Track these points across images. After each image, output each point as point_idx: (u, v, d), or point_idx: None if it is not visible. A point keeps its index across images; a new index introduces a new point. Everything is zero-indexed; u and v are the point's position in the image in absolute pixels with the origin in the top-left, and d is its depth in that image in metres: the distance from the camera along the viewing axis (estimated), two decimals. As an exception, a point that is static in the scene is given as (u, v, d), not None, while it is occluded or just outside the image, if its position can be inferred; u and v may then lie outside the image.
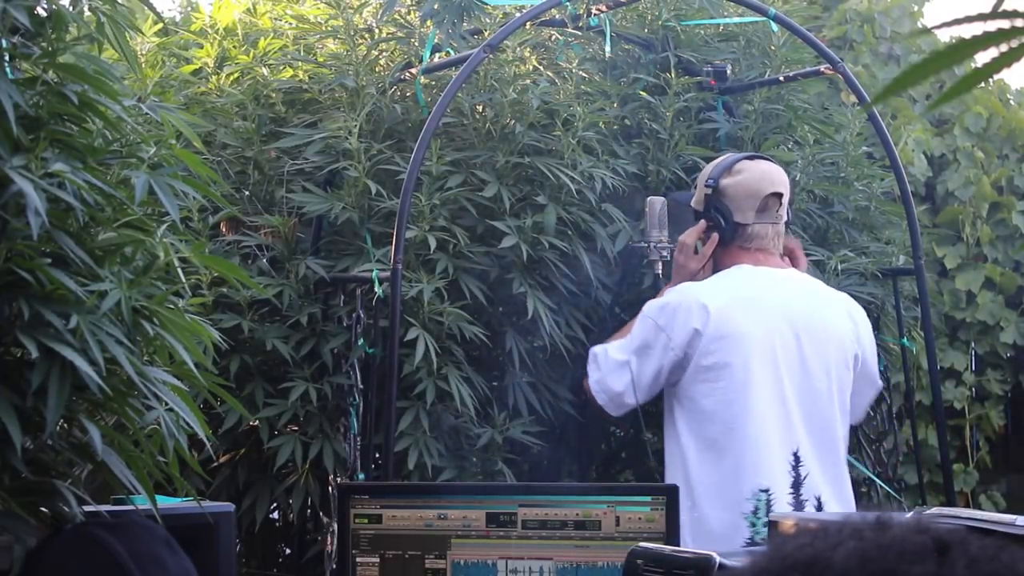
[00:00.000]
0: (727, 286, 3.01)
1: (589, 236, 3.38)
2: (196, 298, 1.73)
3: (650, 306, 3.02)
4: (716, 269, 3.10)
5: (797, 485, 2.91)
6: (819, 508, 2.92)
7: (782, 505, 2.87)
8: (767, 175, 3.07)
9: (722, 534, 2.83)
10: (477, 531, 2.12)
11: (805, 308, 3.02)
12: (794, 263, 3.18)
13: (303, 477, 3.27)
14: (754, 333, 2.93)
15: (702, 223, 3.11)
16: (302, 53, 3.61)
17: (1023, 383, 5.58)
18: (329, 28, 3.61)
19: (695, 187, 3.19)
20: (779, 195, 3.06)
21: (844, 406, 3.04)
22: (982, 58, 0.79)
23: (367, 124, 3.38)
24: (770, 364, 2.93)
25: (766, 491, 2.88)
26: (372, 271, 3.13)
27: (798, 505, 2.90)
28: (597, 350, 3.09)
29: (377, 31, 3.62)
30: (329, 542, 3.07)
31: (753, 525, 2.85)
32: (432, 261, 3.20)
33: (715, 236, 3.08)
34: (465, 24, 3.34)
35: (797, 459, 2.92)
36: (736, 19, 3.74)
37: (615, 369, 3.01)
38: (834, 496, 2.96)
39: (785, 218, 3.11)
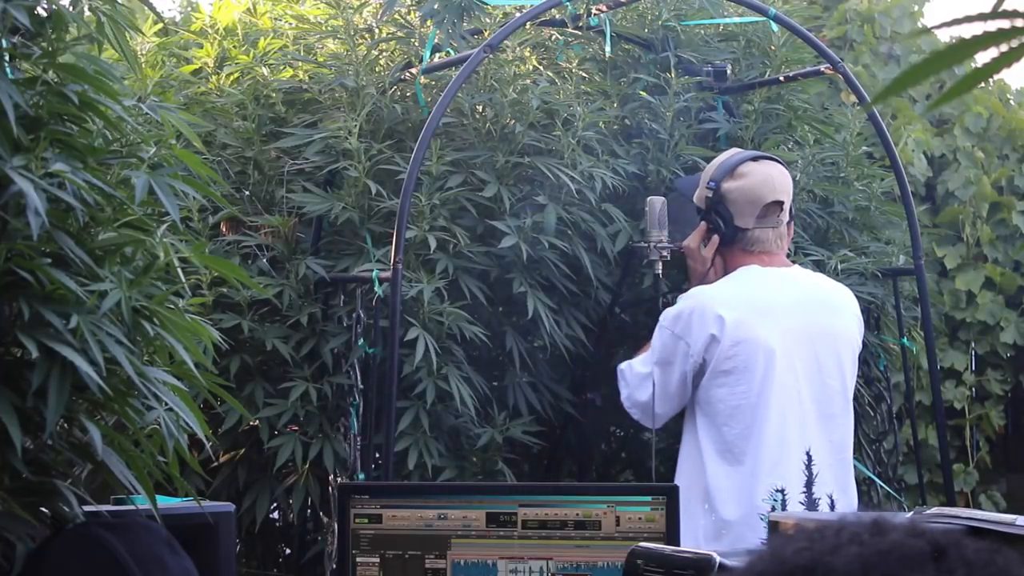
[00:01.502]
0: (739, 290, 3.03)
1: (589, 236, 3.38)
2: (196, 298, 1.73)
3: (666, 316, 3.04)
4: (724, 271, 3.11)
5: (809, 484, 2.92)
6: (832, 507, 2.93)
7: (794, 504, 2.88)
8: (768, 182, 3.07)
9: (739, 535, 2.84)
10: (477, 531, 2.12)
11: (817, 308, 3.05)
12: None
13: (303, 477, 3.26)
14: (770, 336, 2.95)
15: (703, 225, 3.11)
16: (302, 53, 3.61)
17: (1023, 383, 5.58)
18: (329, 28, 3.61)
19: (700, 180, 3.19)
20: (780, 203, 3.07)
21: (849, 403, 3.08)
22: (982, 58, 0.79)
23: (367, 124, 3.38)
24: (787, 366, 2.96)
25: (782, 491, 2.89)
26: (372, 271, 3.13)
27: (811, 504, 2.90)
28: (623, 366, 3.12)
29: (377, 31, 3.62)
30: (329, 542, 3.07)
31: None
32: (432, 261, 3.20)
33: (715, 239, 3.08)
34: (465, 24, 3.34)
35: (809, 458, 2.93)
36: (736, 19, 3.74)
37: (641, 382, 3.04)
38: (842, 495, 2.99)
39: (787, 219, 3.12)
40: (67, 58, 1.58)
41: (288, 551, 3.73)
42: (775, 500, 2.88)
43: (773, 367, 2.93)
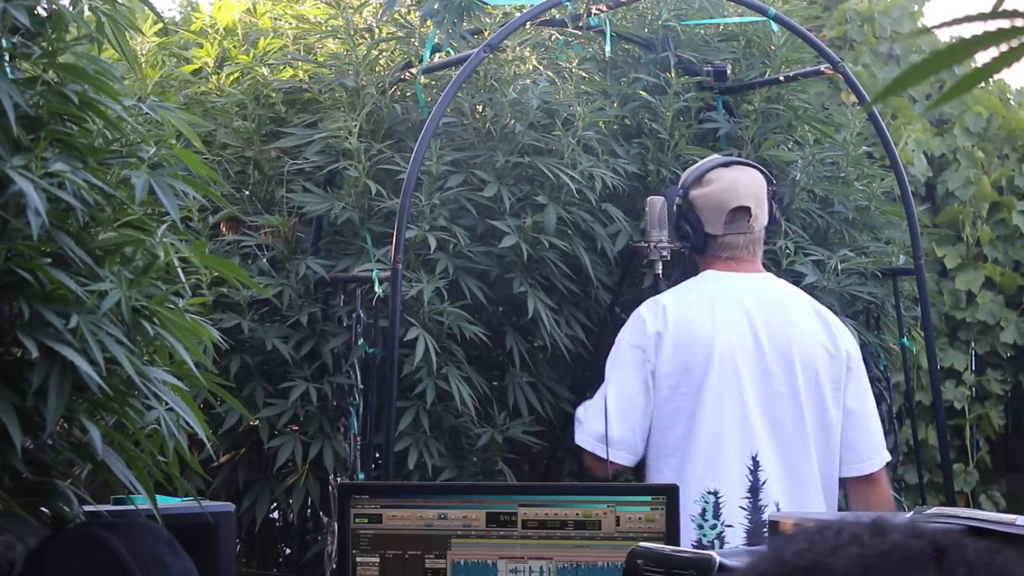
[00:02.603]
0: (688, 291, 3.01)
1: (589, 236, 3.38)
2: (196, 298, 1.73)
3: (620, 333, 3.01)
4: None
5: (755, 490, 2.86)
6: None
7: (733, 508, 2.84)
8: (733, 188, 3.04)
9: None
10: (477, 531, 2.12)
11: (774, 315, 2.97)
12: None
13: (303, 477, 3.26)
14: (712, 336, 2.90)
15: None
16: (302, 53, 3.61)
17: (1023, 383, 5.58)
18: (329, 28, 3.61)
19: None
20: (746, 208, 3.03)
21: (822, 412, 2.95)
22: (982, 58, 0.79)
23: (367, 124, 3.38)
24: (728, 366, 2.90)
25: (714, 493, 2.85)
26: (372, 271, 3.13)
27: (755, 510, 2.85)
28: (578, 411, 3.02)
29: (377, 31, 3.62)
30: (329, 542, 3.07)
31: (700, 527, 2.83)
32: (432, 261, 3.20)
33: None
34: (465, 24, 3.34)
35: (756, 463, 2.87)
36: (736, 19, 3.74)
37: (596, 413, 2.93)
38: (795, 503, 2.88)
39: (762, 225, 3.07)
40: (67, 58, 1.58)
41: (288, 551, 3.73)
42: (706, 502, 2.83)
43: (711, 368, 2.88)
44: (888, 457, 3.11)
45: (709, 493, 2.84)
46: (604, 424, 2.87)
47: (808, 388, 2.94)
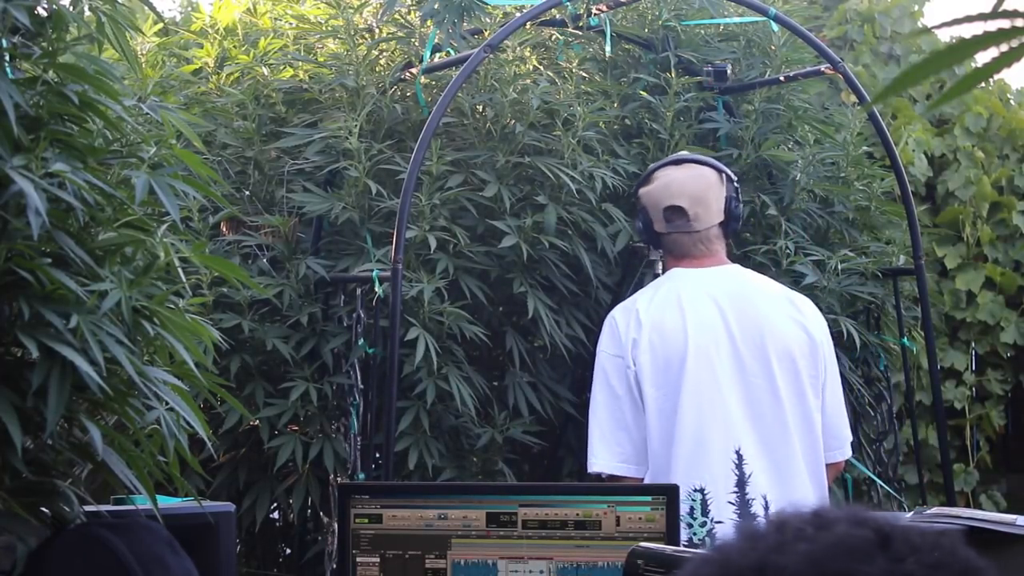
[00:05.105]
0: (656, 290, 2.98)
1: (589, 236, 3.38)
2: (196, 298, 1.73)
3: (600, 344, 2.98)
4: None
5: (742, 484, 2.85)
6: (766, 507, 2.85)
7: (722, 504, 2.83)
8: (669, 187, 2.99)
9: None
10: (477, 531, 2.12)
11: (739, 303, 2.94)
12: None
13: (303, 477, 3.27)
14: (684, 333, 2.88)
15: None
16: (302, 53, 3.61)
17: (1023, 383, 5.58)
18: (329, 28, 3.62)
19: None
20: (678, 208, 2.97)
21: (802, 400, 2.92)
22: (982, 58, 0.79)
23: (367, 124, 3.39)
24: (704, 362, 2.87)
25: (700, 491, 2.83)
26: (372, 271, 3.13)
27: (743, 504, 2.84)
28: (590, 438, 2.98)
29: (377, 31, 3.62)
30: (329, 542, 3.07)
31: (690, 526, 2.81)
32: (432, 261, 3.20)
33: None
34: (465, 24, 3.34)
35: (740, 457, 2.85)
36: (736, 19, 3.75)
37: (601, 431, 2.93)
38: (783, 495, 2.86)
39: (708, 223, 2.99)
40: (67, 58, 1.58)
41: (288, 551, 3.73)
42: (693, 500, 2.81)
43: (685, 365, 2.86)
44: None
45: (695, 491, 2.82)
46: (614, 443, 2.88)
47: (785, 377, 2.91)
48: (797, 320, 2.96)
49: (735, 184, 3.06)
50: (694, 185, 2.99)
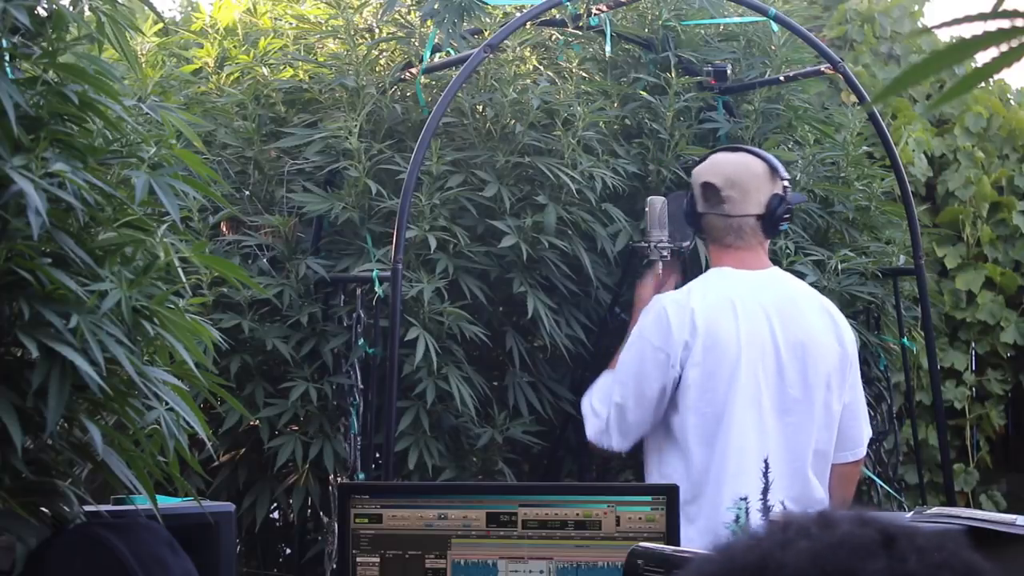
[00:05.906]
0: (707, 291, 2.97)
1: (589, 236, 3.38)
2: (196, 298, 1.73)
3: (641, 327, 2.98)
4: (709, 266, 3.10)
5: (766, 491, 2.87)
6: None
7: (753, 512, 2.86)
8: (711, 165, 3.02)
9: (704, 546, 2.78)
10: (477, 531, 2.11)
11: (786, 313, 2.96)
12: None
13: (303, 477, 3.27)
14: (739, 343, 2.89)
15: (658, 271, 3.17)
16: (302, 53, 3.61)
17: (1023, 383, 5.58)
18: (329, 28, 3.62)
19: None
20: (711, 185, 2.98)
21: (827, 411, 2.96)
22: (982, 58, 0.79)
23: (367, 124, 3.39)
24: (751, 373, 2.90)
25: (744, 499, 2.85)
26: (372, 271, 3.13)
27: (766, 511, 2.86)
28: (583, 406, 3.07)
29: (377, 31, 3.62)
30: (329, 542, 3.07)
31: (735, 534, 2.82)
32: (432, 261, 3.20)
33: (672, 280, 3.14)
34: (465, 24, 3.34)
35: (767, 465, 2.88)
36: (736, 19, 3.74)
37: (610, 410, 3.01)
38: (794, 502, 2.90)
39: (743, 211, 2.97)
40: (67, 58, 1.58)
41: (288, 551, 3.73)
42: (739, 508, 2.84)
43: (737, 376, 2.88)
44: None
45: (740, 499, 2.85)
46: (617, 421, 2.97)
47: (817, 388, 2.95)
48: (834, 332, 3.01)
49: (786, 185, 3.03)
50: (734, 168, 3.00)
